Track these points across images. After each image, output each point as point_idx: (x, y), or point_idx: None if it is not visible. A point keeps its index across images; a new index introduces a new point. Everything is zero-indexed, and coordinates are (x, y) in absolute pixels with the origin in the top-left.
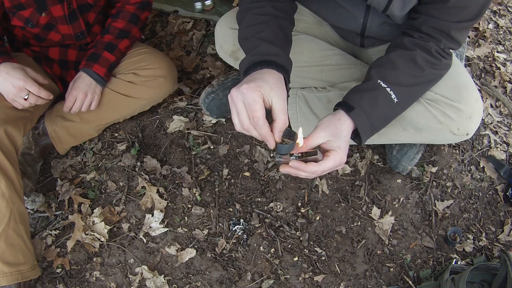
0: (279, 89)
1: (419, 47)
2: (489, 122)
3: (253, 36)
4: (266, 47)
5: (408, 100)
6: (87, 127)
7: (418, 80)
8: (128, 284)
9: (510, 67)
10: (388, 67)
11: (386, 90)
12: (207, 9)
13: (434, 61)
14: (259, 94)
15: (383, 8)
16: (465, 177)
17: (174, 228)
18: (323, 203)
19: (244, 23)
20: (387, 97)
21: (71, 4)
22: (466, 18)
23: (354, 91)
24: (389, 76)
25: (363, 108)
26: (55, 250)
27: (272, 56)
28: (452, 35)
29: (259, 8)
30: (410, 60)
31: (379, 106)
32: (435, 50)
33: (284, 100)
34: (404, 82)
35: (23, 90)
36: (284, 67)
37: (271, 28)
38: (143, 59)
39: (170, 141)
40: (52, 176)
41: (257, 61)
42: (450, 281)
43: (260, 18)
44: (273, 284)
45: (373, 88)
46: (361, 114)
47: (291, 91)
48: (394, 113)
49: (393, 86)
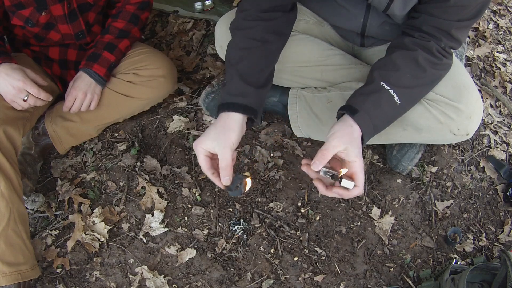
0: (223, 139)
1: (420, 47)
2: (489, 122)
3: (233, 66)
4: (237, 85)
5: (410, 101)
6: (87, 127)
7: (420, 81)
8: (128, 284)
9: (510, 67)
10: (390, 68)
11: (389, 92)
12: (207, 9)
13: (435, 61)
14: (200, 150)
15: (384, 8)
16: (465, 177)
17: (174, 228)
18: (323, 203)
19: (232, 42)
20: (390, 99)
21: (71, 4)
22: (466, 17)
23: (357, 95)
24: (392, 78)
25: (367, 111)
26: (55, 250)
27: (240, 98)
28: (452, 34)
29: (250, 29)
30: (412, 61)
31: (382, 109)
32: (436, 50)
33: (227, 147)
34: (406, 83)
35: (23, 91)
36: (250, 108)
37: (252, 58)
38: (143, 59)
39: (170, 141)
40: (52, 176)
41: (224, 103)
42: (450, 281)
43: (246, 42)
44: (273, 284)
45: (376, 90)
46: (365, 117)
47: (291, 91)
48: (396, 115)
49: (396, 88)
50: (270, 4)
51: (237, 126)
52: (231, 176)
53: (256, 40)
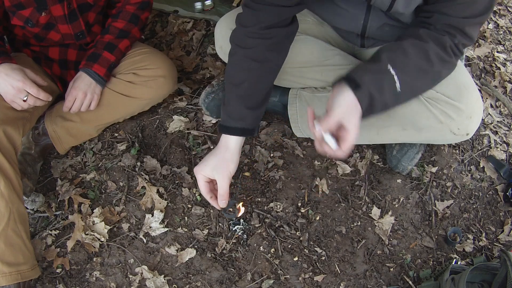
0: (222, 169)
1: (433, 39)
2: (489, 122)
3: (235, 87)
4: (238, 109)
5: (409, 94)
6: (87, 127)
7: (424, 75)
8: (128, 284)
9: (510, 67)
10: (399, 53)
11: (393, 77)
12: (207, 9)
13: (445, 57)
14: (201, 177)
15: (387, 7)
16: (465, 177)
17: (174, 228)
18: (323, 203)
19: (234, 61)
20: (392, 85)
21: (71, 4)
22: (476, 12)
23: (362, 69)
24: (399, 63)
25: (371, 90)
26: (55, 250)
27: (239, 122)
28: (466, 31)
29: (251, 49)
30: (422, 51)
31: (383, 92)
32: (449, 46)
33: (225, 177)
34: (411, 73)
35: (22, 92)
36: (248, 129)
37: (253, 79)
38: (143, 59)
39: (170, 141)
40: (52, 176)
41: (225, 125)
42: (450, 281)
43: (247, 64)
44: (273, 284)
45: (381, 71)
46: (366, 96)
47: (291, 91)
48: (393, 103)
49: (400, 74)
50: (271, 21)
51: (236, 151)
52: (227, 200)
53: (257, 61)
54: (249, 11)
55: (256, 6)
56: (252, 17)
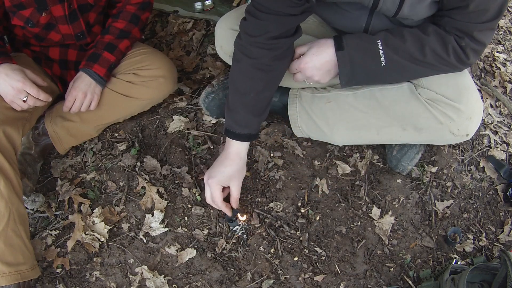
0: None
1: (436, 35)
2: (489, 122)
3: (242, 95)
4: (245, 117)
5: (396, 71)
6: (87, 127)
7: (414, 61)
8: (128, 284)
9: (510, 67)
10: (396, 35)
11: (379, 51)
12: (207, 9)
13: (442, 55)
14: (218, 187)
15: (393, 13)
16: (465, 177)
17: (174, 228)
18: (323, 203)
19: (240, 69)
20: (376, 57)
21: (71, 4)
22: (488, 18)
23: (354, 36)
24: (392, 43)
25: (352, 54)
26: (55, 250)
27: (246, 129)
28: (475, 36)
29: (257, 59)
30: (419, 42)
31: (366, 61)
32: (451, 46)
33: (240, 184)
34: (400, 54)
35: (22, 92)
36: (253, 134)
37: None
38: (143, 59)
39: (170, 141)
40: (52, 176)
41: (233, 132)
42: (450, 281)
43: (253, 73)
44: (273, 284)
45: (370, 42)
46: (347, 58)
47: (291, 91)
48: (377, 75)
49: (389, 51)
50: (277, 32)
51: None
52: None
53: (263, 70)
54: (254, 20)
55: (262, 16)
56: (257, 27)
